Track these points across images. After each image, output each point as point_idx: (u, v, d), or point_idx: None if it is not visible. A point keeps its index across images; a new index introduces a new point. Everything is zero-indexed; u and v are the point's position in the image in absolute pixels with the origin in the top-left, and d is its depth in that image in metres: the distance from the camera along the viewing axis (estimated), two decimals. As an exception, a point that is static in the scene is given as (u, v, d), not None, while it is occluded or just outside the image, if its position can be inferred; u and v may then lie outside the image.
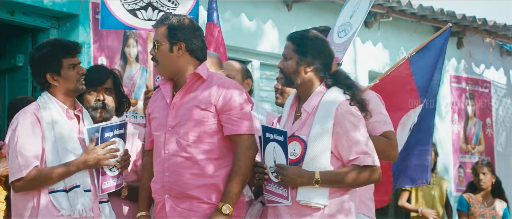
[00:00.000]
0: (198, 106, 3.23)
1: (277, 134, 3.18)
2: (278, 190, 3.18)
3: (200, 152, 3.22)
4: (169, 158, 3.24)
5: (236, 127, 3.22)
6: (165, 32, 3.26)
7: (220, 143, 3.25)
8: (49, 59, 3.36)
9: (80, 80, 3.38)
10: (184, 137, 3.22)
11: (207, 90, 3.25)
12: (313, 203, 3.11)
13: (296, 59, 3.24)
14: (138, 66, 5.76)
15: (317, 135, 3.12)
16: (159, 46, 3.27)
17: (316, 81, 3.25)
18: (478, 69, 8.64)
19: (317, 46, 3.25)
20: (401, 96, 3.84)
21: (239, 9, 6.50)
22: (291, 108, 3.33)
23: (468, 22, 8.01)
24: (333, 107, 3.14)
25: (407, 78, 3.84)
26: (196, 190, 3.20)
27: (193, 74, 3.27)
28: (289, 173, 3.11)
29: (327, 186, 3.12)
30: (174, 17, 3.30)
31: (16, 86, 5.63)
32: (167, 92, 3.33)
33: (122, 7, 3.99)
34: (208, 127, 3.23)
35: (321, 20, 7.09)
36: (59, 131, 3.31)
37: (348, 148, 3.12)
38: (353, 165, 3.13)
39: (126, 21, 4.01)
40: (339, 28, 3.89)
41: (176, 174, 3.22)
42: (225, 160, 3.25)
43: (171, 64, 3.27)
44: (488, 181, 6.43)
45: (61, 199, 3.25)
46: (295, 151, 3.15)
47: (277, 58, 6.97)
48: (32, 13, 5.41)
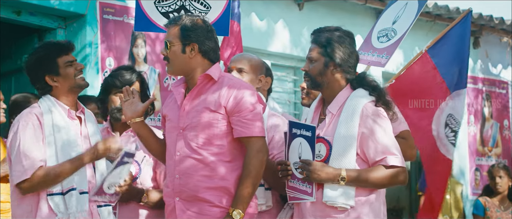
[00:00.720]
0: (208, 108, 3.20)
1: (305, 129, 3.17)
2: (302, 186, 3.19)
3: (211, 154, 3.19)
4: (180, 160, 3.22)
5: (246, 129, 3.18)
6: (178, 32, 3.24)
7: (231, 145, 3.22)
8: (45, 62, 3.34)
9: (78, 76, 3.36)
10: (194, 139, 3.20)
11: (217, 91, 3.23)
12: (340, 204, 3.12)
13: (322, 61, 3.24)
14: (147, 67, 5.71)
15: (343, 136, 3.14)
16: (171, 47, 3.25)
17: (342, 83, 3.26)
18: (495, 70, 8.55)
19: (343, 48, 3.25)
20: (430, 92, 3.87)
21: (250, 8, 6.42)
22: (315, 111, 3.34)
23: (485, 21, 7.94)
24: (358, 108, 3.15)
25: (432, 72, 3.89)
26: (207, 193, 3.18)
27: (204, 75, 3.24)
28: (315, 168, 3.12)
29: (352, 184, 3.12)
30: (187, 18, 3.27)
31: (23, 88, 5.56)
32: (179, 94, 3.31)
33: (156, 10, 4.05)
34: (219, 129, 3.20)
35: (333, 20, 7.00)
36: (62, 136, 3.28)
37: (374, 149, 3.13)
38: (379, 165, 3.13)
39: (160, 24, 4.04)
40: (379, 33, 3.94)
41: (186, 177, 3.21)
42: (237, 163, 3.22)
43: (183, 65, 3.26)
44: (505, 185, 6.35)
45: (58, 201, 3.21)
46: (320, 152, 3.17)
47: (288, 59, 6.90)
48: (39, 13, 5.38)
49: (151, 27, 4.10)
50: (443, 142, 3.93)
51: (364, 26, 7.08)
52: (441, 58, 3.88)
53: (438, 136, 3.89)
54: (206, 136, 3.19)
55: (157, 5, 4.06)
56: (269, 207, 3.48)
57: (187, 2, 4.04)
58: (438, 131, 3.86)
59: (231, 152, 3.21)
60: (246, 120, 3.18)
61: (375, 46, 3.93)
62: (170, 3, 4.05)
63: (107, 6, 5.52)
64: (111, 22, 5.53)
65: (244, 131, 3.18)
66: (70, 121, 3.33)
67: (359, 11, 7.19)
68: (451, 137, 3.95)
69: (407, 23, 3.93)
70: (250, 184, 3.14)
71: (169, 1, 4.05)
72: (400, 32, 3.89)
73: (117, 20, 5.57)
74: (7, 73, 5.79)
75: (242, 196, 3.14)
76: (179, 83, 3.35)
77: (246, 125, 3.18)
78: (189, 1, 4.04)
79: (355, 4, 7.08)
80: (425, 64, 3.88)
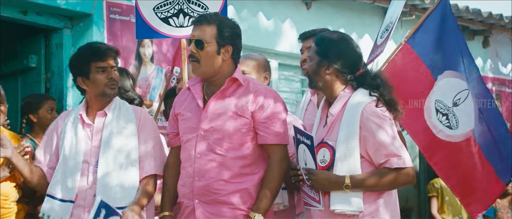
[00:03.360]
0: (235, 112, 3.19)
1: (305, 137, 3.16)
2: (311, 193, 3.18)
3: (233, 157, 3.19)
4: (200, 162, 3.20)
5: (271, 137, 3.20)
6: (215, 32, 3.18)
7: (254, 149, 3.22)
8: (79, 63, 3.41)
9: (108, 85, 3.38)
10: (217, 142, 3.19)
11: (243, 96, 3.21)
12: (349, 212, 3.09)
13: (316, 60, 3.22)
14: (153, 67, 5.68)
15: (344, 140, 3.10)
16: (206, 47, 3.17)
17: (339, 84, 3.22)
18: (505, 69, 8.49)
19: (339, 47, 3.21)
20: (417, 85, 3.84)
21: (257, 8, 6.39)
22: (322, 113, 3.31)
23: (495, 20, 7.88)
24: (358, 110, 3.10)
25: (415, 61, 3.86)
26: (228, 196, 3.18)
27: (232, 79, 3.22)
28: (318, 178, 3.10)
29: (358, 190, 3.08)
30: (224, 18, 3.24)
31: (29, 88, 5.56)
32: (198, 94, 3.27)
33: (155, 16, 4.06)
34: (243, 134, 3.19)
35: (341, 19, 6.97)
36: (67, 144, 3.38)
37: (376, 151, 3.09)
38: (383, 168, 3.09)
39: (160, 29, 4.07)
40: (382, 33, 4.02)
41: (207, 179, 3.19)
42: (258, 166, 3.23)
43: (215, 66, 3.21)
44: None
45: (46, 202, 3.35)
46: (325, 157, 3.14)
47: (296, 59, 6.84)
48: (45, 12, 5.35)
49: (152, 34, 4.11)
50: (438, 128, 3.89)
51: (372, 26, 7.04)
52: (422, 47, 3.87)
53: (433, 124, 3.85)
54: (230, 140, 3.18)
55: (156, 11, 4.08)
56: (286, 207, 3.48)
57: (185, 6, 4.06)
58: (430, 120, 3.83)
59: (252, 156, 3.21)
60: (272, 128, 3.19)
61: (378, 44, 3.95)
62: (169, 8, 4.06)
63: (114, 6, 5.50)
64: (117, 22, 5.51)
65: (269, 138, 3.19)
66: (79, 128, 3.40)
67: (367, 10, 7.15)
68: (444, 121, 3.90)
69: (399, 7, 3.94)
70: (271, 192, 3.16)
71: (167, 6, 4.06)
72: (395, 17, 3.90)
73: (123, 19, 5.54)
74: (13, 73, 5.78)
75: (262, 202, 3.14)
76: (196, 82, 3.31)
77: (271, 132, 3.19)
78: (187, 4, 4.05)
79: (363, 3, 7.03)
80: (406, 55, 3.87)
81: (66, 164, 3.36)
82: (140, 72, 5.63)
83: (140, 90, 5.60)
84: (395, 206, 3.22)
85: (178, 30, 4.06)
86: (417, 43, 3.87)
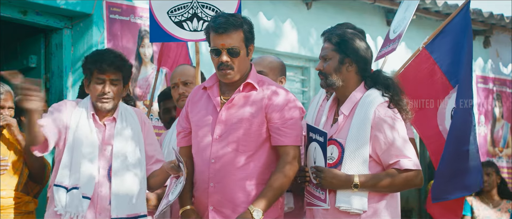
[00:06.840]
0: (251, 113, 3.18)
1: (318, 134, 3.15)
2: (317, 192, 3.17)
3: (250, 161, 3.16)
4: (216, 167, 3.17)
5: (285, 138, 3.17)
6: (242, 36, 3.19)
7: (269, 151, 3.20)
8: (86, 66, 3.47)
9: (100, 99, 3.40)
10: (232, 145, 3.16)
11: (258, 98, 3.20)
12: (353, 210, 3.08)
13: (337, 58, 3.19)
14: (153, 67, 5.66)
15: (355, 139, 3.10)
16: (240, 52, 3.18)
17: (356, 82, 3.21)
18: (505, 69, 8.48)
19: (357, 45, 3.20)
20: (432, 88, 3.81)
21: (257, 8, 6.38)
22: (329, 111, 3.29)
23: (495, 20, 7.88)
24: (370, 110, 3.10)
25: (432, 67, 3.84)
26: (244, 200, 3.14)
27: (248, 83, 3.22)
28: (326, 175, 3.09)
29: (366, 190, 3.08)
30: (243, 18, 3.24)
31: (29, 88, 5.54)
32: (215, 96, 3.25)
33: (169, 20, 4.12)
34: (259, 136, 3.18)
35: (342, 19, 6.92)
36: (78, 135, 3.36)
37: (386, 152, 3.09)
38: (392, 169, 3.09)
39: (174, 33, 4.13)
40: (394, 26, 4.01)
41: (224, 185, 3.16)
42: (272, 168, 3.20)
43: (245, 69, 3.24)
44: (493, 182, 6.24)
45: (61, 194, 3.30)
46: (333, 154, 3.13)
47: (296, 59, 6.85)
48: (45, 13, 5.35)
49: (166, 38, 4.17)
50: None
51: (373, 26, 7.03)
52: (441, 53, 3.83)
53: (446, 131, 3.82)
54: (246, 143, 3.16)
55: (170, 15, 4.13)
56: (291, 209, 3.46)
57: (199, 10, 4.10)
58: (443, 126, 3.80)
59: (268, 158, 3.19)
60: (286, 129, 3.17)
61: (391, 38, 3.93)
62: (183, 12, 4.11)
63: (114, 6, 5.49)
64: (117, 22, 5.50)
65: (282, 139, 3.16)
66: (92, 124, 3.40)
67: (367, 10, 7.14)
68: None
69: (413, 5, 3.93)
70: (275, 190, 3.12)
71: (182, 10, 4.11)
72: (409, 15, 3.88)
73: (123, 19, 5.54)
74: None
75: (265, 198, 3.09)
76: (212, 83, 3.28)
77: (285, 134, 3.17)
78: (201, 8, 4.09)
79: (364, 3, 7.02)
80: (424, 61, 3.84)
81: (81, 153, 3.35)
82: (140, 72, 5.63)
83: (140, 90, 5.60)
84: (397, 207, 3.22)
85: (192, 34, 4.11)
86: (435, 49, 3.83)
